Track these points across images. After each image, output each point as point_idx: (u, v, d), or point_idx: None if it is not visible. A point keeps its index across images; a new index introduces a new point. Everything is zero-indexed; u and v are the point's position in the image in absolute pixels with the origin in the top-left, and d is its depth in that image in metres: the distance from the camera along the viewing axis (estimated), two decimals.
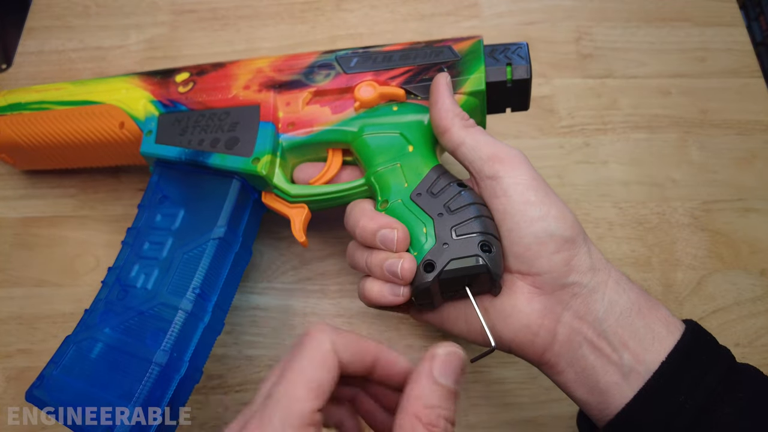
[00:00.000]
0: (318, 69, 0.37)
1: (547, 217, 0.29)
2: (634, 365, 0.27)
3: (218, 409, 0.39)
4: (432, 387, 0.23)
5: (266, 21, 0.54)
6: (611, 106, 0.49)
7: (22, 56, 0.53)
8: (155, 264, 0.34)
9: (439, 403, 0.23)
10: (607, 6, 0.54)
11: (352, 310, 0.42)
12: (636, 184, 0.46)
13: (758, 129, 0.48)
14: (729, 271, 0.43)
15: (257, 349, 0.41)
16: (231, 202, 0.35)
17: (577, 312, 0.28)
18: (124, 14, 0.55)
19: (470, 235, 0.29)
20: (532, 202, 0.29)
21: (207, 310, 0.33)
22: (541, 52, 0.52)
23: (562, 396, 0.31)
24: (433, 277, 0.29)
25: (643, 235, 0.44)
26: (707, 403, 0.25)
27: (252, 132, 0.35)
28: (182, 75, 0.39)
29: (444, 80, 0.33)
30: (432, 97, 0.33)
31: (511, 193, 0.29)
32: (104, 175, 0.47)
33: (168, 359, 0.31)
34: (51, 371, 0.32)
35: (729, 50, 0.52)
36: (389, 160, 0.34)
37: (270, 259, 0.44)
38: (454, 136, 0.32)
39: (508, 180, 0.30)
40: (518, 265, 0.29)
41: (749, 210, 0.45)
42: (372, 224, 0.31)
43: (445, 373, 0.23)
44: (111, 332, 0.32)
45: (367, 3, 0.55)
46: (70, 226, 0.46)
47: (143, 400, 0.30)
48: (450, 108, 0.32)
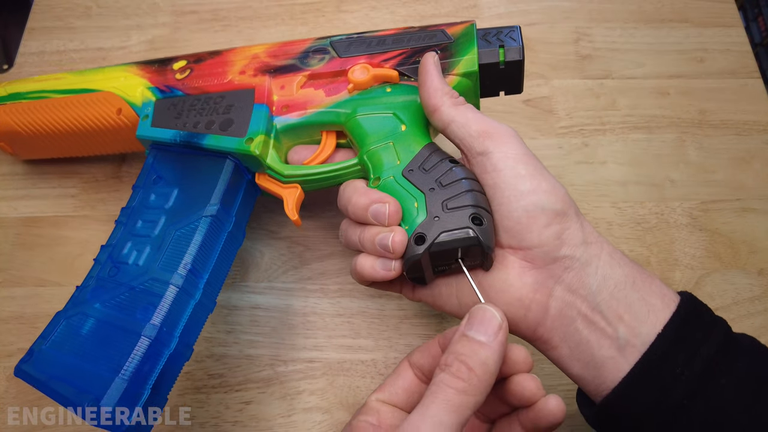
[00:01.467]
0: (313, 54, 0.38)
1: (537, 190, 0.29)
2: (629, 338, 0.27)
3: (218, 409, 0.39)
4: (459, 338, 0.25)
5: (267, 22, 0.54)
6: (610, 106, 0.50)
7: (24, 57, 0.53)
8: (147, 241, 0.34)
9: (461, 351, 0.24)
10: (606, 7, 0.54)
11: (352, 310, 0.42)
12: (634, 185, 0.46)
13: (756, 129, 0.48)
14: (727, 270, 0.43)
15: (257, 349, 0.41)
16: (224, 182, 0.35)
17: (570, 286, 0.28)
18: (125, 15, 0.55)
19: (461, 209, 0.29)
20: (522, 175, 0.29)
21: (198, 286, 0.33)
22: (540, 53, 0.52)
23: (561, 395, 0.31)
24: (424, 249, 0.29)
25: (642, 235, 0.44)
26: (704, 374, 0.25)
27: (246, 113, 0.36)
28: (180, 63, 0.40)
29: (432, 59, 0.33)
30: (420, 77, 0.33)
31: (501, 167, 0.29)
32: (105, 175, 0.48)
33: (157, 333, 0.31)
34: (40, 346, 0.32)
35: (727, 51, 0.52)
36: (382, 139, 0.34)
37: (270, 258, 0.44)
38: (444, 114, 0.32)
39: (498, 155, 0.30)
40: (509, 239, 0.29)
41: (747, 210, 0.45)
42: (364, 199, 0.31)
43: (473, 327, 0.25)
44: (101, 307, 0.32)
45: (367, 4, 0.55)
46: (71, 226, 0.46)
47: (131, 373, 0.30)
48: (439, 87, 0.32)
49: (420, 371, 0.29)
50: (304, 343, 0.41)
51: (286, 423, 0.38)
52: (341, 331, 0.41)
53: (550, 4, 0.54)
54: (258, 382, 0.40)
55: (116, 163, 0.48)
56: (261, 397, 0.39)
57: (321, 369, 0.40)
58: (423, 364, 0.28)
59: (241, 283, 0.43)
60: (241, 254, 0.44)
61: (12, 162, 0.49)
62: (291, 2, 0.55)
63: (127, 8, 0.55)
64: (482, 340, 0.25)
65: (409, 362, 0.29)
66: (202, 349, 0.41)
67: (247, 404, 0.39)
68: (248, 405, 0.39)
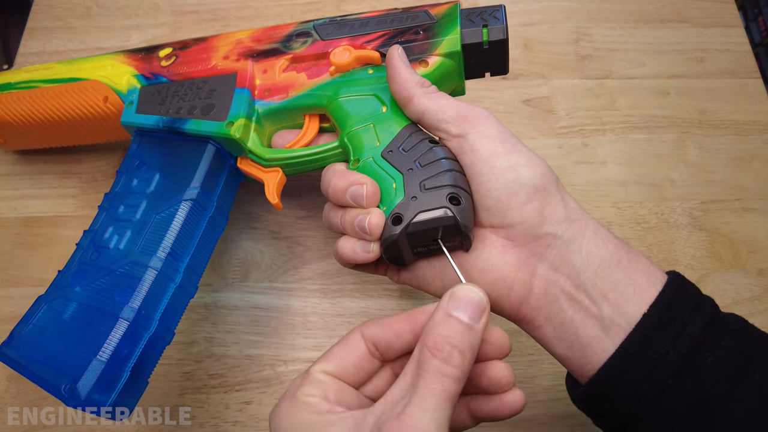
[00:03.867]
0: (296, 37, 0.38)
1: (515, 166, 0.28)
2: (614, 318, 0.26)
3: (218, 409, 0.39)
4: (444, 318, 0.24)
5: (267, 22, 0.54)
6: (610, 106, 0.50)
7: (24, 57, 0.54)
8: (129, 225, 0.34)
9: (449, 334, 0.23)
10: (606, 7, 0.54)
11: (352, 310, 0.42)
12: (634, 184, 0.46)
13: (756, 129, 0.49)
14: (727, 270, 0.43)
15: (258, 349, 0.41)
16: (205, 166, 0.35)
17: (553, 263, 0.28)
18: (125, 15, 0.55)
19: (439, 188, 0.29)
20: (499, 153, 0.29)
21: (178, 270, 0.33)
22: (540, 53, 0.52)
23: (561, 395, 0.31)
24: (401, 229, 0.29)
25: (642, 235, 0.44)
26: (689, 353, 0.25)
27: (227, 98, 0.36)
28: (165, 50, 0.40)
29: (396, 52, 0.33)
30: (388, 71, 0.33)
31: (478, 146, 0.29)
32: (105, 175, 0.48)
33: (135, 315, 0.31)
34: (21, 330, 0.32)
35: (727, 51, 0.52)
36: (363, 121, 0.34)
37: (270, 258, 0.44)
38: (417, 104, 0.31)
39: (475, 135, 0.29)
40: (490, 218, 0.29)
41: (747, 210, 0.45)
42: (342, 182, 0.31)
43: (458, 307, 0.24)
44: (82, 291, 0.32)
45: (367, 4, 0.55)
46: (71, 226, 0.46)
47: (109, 355, 0.30)
48: (408, 78, 0.32)
49: (375, 347, 0.26)
50: (304, 343, 0.41)
51: None
52: (341, 331, 0.41)
53: (550, 4, 0.55)
54: (258, 382, 0.40)
55: (116, 162, 0.48)
56: (261, 397, 0.39)
57: None
58: (380, 340, 0.26)
59: (241, 283, 0.43)
60: (242, 254, 0.44)
61: (12, 162, 0.49)
62: (291, 2, 0.55)
63: (127, 8, 0.55)
64: (469, 322, 0.24)
65: (362, 334, 0.27)
66: (202, 349, 0.41)
67: (247, 404, 0.39)
68: (248, 405, 0.39)
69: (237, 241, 0.44)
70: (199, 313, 0.42)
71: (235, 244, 0.44)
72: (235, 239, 0.44)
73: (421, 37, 0.35)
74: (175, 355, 0.40)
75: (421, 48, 0.35)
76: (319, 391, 0.24)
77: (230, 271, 0.43)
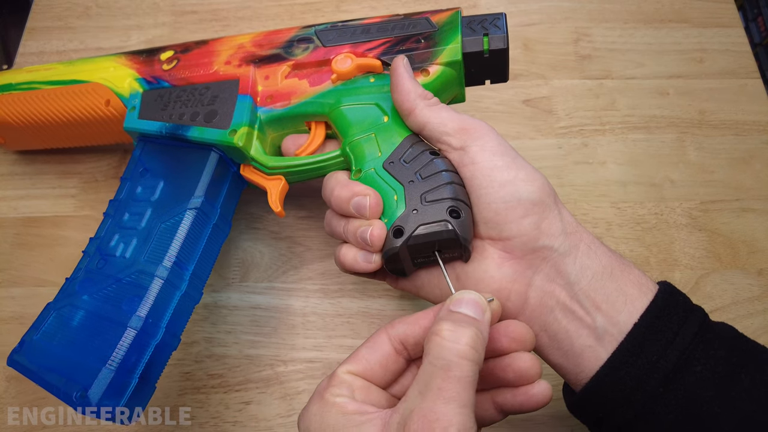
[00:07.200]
0: (297, 43, 0.38)
1: (515, 180, 0.29)
2: (607, 327, 0.27)
3: (218, 409, 0.39)
4: (448, 312, 0.25)
5: (266, 22, 0.54)
6: (609, 106, 0.50)
7: (23, 57, 0.53)
8: (134, 234, 0.35)
9: (455, 319, 0.24)
10: (606, 7, 0.54)
11: (352, 310, 0.42)
12: (634, 185, 0.46)
13: (756, 129, 0.49)
14: (727, 271, 0.43)
15: (258, 349, 0.41)
16: (209, 174, 0.35)
17: (549, 275, 0.28)
18: (125, 15, 0.55)
19: (439, 201, 0.29)
20: (499, 167, 0.29)
21: (184, 278, 0.33)
22: (540, 53, 0.52)
23: (561, 396, 0.31)
24: (402, 242, 0.29)
25: (642, 235, 0.44)
26: (679, 363, 0.26)
27: (230, 105, 0.36)
28: (167, 53, 0.40)
29: (401, 62, 0.33)
30: (392, 81, 0.33)
31: (478, 159, 0.30)
32: (105, 175, 0.48)
33: (143, 324, 0.31)
34: (31, 336, 0.33)
35: (727, 51, 0.52)
36: (364, 130, 0.34)
37: (271, 259, 0.44)
38: (419, 116, 0.32)
39: (475, 148, 0.30)
40: (488, 230, 0.30)
41: (747, 210, 0.45)
42: (345, 192, 0.31)
43: (460, 305, 0.25)
44: (89, 299, 0.33)
45: (366, 4, 0.55)
46: (71, 226, 0.46)
47: (118, 363, 0.30)
48: (411, 89, 0.32)
49: (402, 345, 0.27)
50: (304, 343, 0.41)
51: (286, 423, 0.38)
52: (341, 331, 0.41)
53: (550, 4, 0.55)
54: (258, 382, 0.40)
55: (116, 163, 0.48)
56: (261, 397, 0.39)
57: (321, 369, 0.40)
58: (408, 337, 0.27)
59: (241, 283, 0.43)
60: (242, 254, 0.44)
61: (12, 162, 0.49)
62: (291, 2, 0.55)
63: (127, 8, 0.55)
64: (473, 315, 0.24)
65: (387, 334, 0.27)
66: (202, 349, 0.41)
67: (247, 404, 0.39)
68: (248, 405, 0.39)
69: (237, 241, 0.44)
70: (199, 313, 0.42)
71: (235, 244, 0.44)
72: (235, 239, 0.44)
73: (422, 45, 0.35)
74: (175, 355, 0.40)
75: (422, 57, 0.35)
76: (346, 391, 0.25)
77: (230, 271, 0.43)
